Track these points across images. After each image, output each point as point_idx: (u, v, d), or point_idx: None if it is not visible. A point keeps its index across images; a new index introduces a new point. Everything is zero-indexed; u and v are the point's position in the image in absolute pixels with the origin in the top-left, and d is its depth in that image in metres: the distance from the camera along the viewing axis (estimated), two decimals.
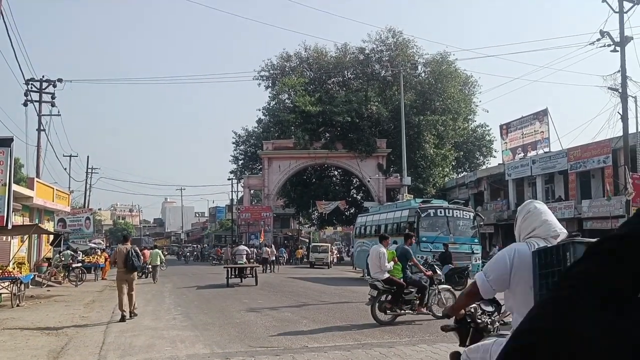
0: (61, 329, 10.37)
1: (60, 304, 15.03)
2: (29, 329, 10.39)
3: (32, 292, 17.99)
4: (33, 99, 29.21)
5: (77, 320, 11.73)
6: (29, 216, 23.36)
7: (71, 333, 9.99)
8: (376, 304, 10.86)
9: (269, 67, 47.86)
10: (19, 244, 20.84)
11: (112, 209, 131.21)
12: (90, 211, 37.58)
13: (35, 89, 29.31)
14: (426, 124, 41.35)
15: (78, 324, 11.09)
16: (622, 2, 19.64)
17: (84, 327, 10.71)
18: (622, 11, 19.65)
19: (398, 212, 24.33)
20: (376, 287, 10.96)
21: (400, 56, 42.86)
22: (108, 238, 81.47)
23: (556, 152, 31.98)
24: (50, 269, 22.76)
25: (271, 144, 44.61)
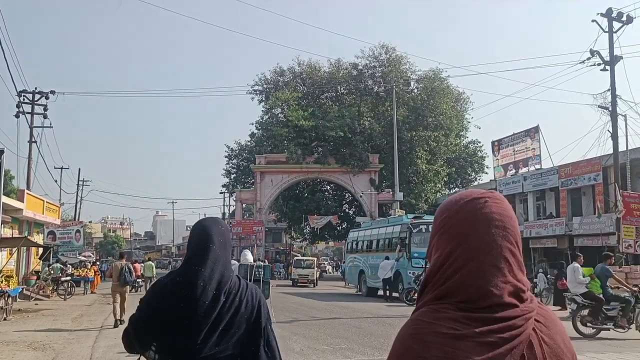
0: (48, 344, 10.24)
1: (48, 318, 14.87)
2: (15, 344, 10.25)
3: (20, 305, 17.78)
4: (25, 111, 29.14)
5: (65, 334, 11.60)
6: (18, 228, 23.19)
7: (58, 348, 9.87)
8: (577, 317, 11.32)
9: (262, 81, 48.05)
10: (7, 257, 20.65)
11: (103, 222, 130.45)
12: (80, 224, 37.37)
13: (28, 100, 29.25)
14: (418, 140, 41.51)
15: (66, 339, 10.96)
16: (612, 22, 19.91)
17: (72, 342, 10.58)
18: (611, 31, 19.91)
19: (390, 227, 24.33)
20: (575, 301, 11.73)
21: (393, 72, 43.11)
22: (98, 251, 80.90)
23: (547, 169, 32.16)
24: (39, 282, 22.54)
25: (264, 158, 44.60)
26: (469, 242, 1.09)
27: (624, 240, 17.45)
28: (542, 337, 1.07)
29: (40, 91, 29.44)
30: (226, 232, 2.24)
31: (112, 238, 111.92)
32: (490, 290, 1.06)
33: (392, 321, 14.09)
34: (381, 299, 22.12)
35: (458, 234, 1.11)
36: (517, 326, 1.04)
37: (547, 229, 30.10)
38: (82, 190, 49.43)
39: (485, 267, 1.07)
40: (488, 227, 1.09)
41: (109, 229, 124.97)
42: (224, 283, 2.08)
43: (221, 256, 2.12)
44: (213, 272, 2.06)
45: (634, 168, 25.60)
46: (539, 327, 1.08)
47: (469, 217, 1.11)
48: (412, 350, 1.04)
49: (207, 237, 2.13)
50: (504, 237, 1.09)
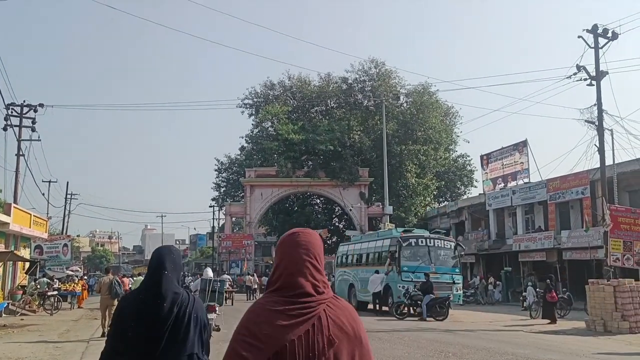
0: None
1: (33, 333, 14.66)
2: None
3: (5, 320, 17.54)
4: (13, 124, 28.91)
5: (51, 350, 11.43)
6: (4, 242, 22.92)
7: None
8: None
9: (252, 95, 48.16)
10: None
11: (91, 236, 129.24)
12: (68, 238, 36.97)
13: (16, 113, 29.04)
14: (408, 154, 41.71)
15: (52, 354, 10.81)
16: (598, 38, 20.19)
17: (58, 358, 10.44)
18: (597, 47, 20.19)
19: (380, 241, 24.33)
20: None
21: (382, 86, 43.39)
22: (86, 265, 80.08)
23: (536, 183, 32.39)
24: (25, 297, 22.26)
25: (254, 171, 44.57)
26: (285, 257, 1.89)
27: (612, 254, 17.54)
28: (329, 314, 1.80)
29: (29, 104, 29.26)
30: (177, 258, 2.85)
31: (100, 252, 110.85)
32: (297, 285, 1.82)
33: (382, 335, 14.05)
34: (371, 313, 22.07)
35: (281, 253, 1.93)
36: (312, 306, 1.79)
37: (536, 243, 30.24)
38: (70, 203, 48.93)
39: (294, 271, 1.84)
40: (296, 249, 1.89)
41: (97, 243, 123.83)
42: (174, 299, 2.65)
43: (172, 279, 2.71)
44: (167, 290, 2.65)
45: (620, 182, 25.83)
46: (328, 309, 1.81)
47: (287, 243, 1.94)
48: (249, 317, 1.82)
49: (161, 265, 2.72)
50: (307, 254, 1.87)
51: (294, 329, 1.75)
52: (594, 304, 16.49)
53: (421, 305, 19.43)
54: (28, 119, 29.44)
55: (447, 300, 19.79)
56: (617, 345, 13.00)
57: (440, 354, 10.76)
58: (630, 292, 15.83)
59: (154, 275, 2.71)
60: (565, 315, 20.80)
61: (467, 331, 15.64)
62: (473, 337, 14.02)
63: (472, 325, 17.63)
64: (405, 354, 10.76)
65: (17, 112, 29.05)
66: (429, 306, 19.28)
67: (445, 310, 19.48)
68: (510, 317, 21.27)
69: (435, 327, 16.78)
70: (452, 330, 15.63)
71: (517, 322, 19.25)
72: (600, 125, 20.16)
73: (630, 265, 17.65)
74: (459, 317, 20.80)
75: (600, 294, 16.21)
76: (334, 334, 1.77)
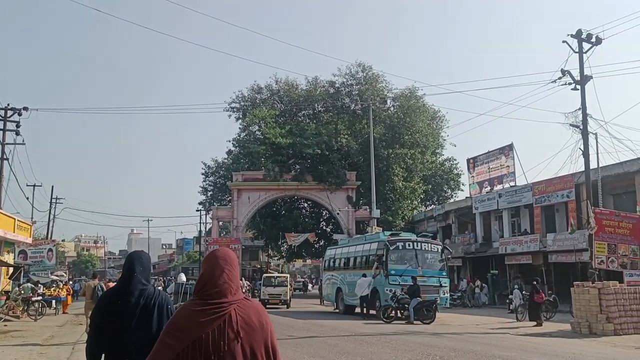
0: None
1: (17, 339, 14.45)
2: None
3: None
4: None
5: (35, 356, 11.29)
6: None
7: None
8: None
9: (239, 98, 48.02)
10: None
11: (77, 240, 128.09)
12: (53, 242, 36.58)
13: (0, 117, 28.73)
14: (395, 157, 41.82)
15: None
16: (582, 43, 20.41)
17: None
18: (581, 51, 20.41)
19: (367, 244, 24.34)
20: None
21: (369, 90, 43.49)
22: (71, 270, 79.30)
23: (522, 186, 32.64)
24: (9, 302, 21.96)
25: (241, 175, 44.41)
26: (207, 269, 2.42)
27: (597, 257, 17.69)
28: (238, 312, 2.33)
29: (13, 107, 28.94)
30: (146, 262, 3.52)
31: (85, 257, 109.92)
32: (215, 289, 2.35)
33: (370, 339, 14.05)
34: (359, 317, 22.06)
35: (204, 265, 2.46)
36: (224, 307, 2.31)
37: (522, 246, 30.46)
38: (55, 208, 48.47)
39: (214, 278, 2.37)
40: (215, 260, 2.44)
41: (82, 248, 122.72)
42: (142, 292, 3.34)
43: (141, 277, 3.40)
44: (135, 287, 3.36)
45: (605, 185, 26.13)
46: (238, 308, 2.34)
47: (208, 257, 2.50)
48: (176, 316, 2.38)
49: (132, 267, 3.42)
50: (224, 264, 2.41)
51: (208, 324, 2.29)
52: (579, 306, 16.63)
53: (408, 308, 19.47)
54: (12, 123, 29.10)
55: (434, 303, 19.84)
56: (602, 347, 13.12)
57: (427, 357, 10.78)
58: (615, 295, 15.99)
59: (126, 275, 3.41)
60: (551, 317, 20.95)
61: (454, 334, 15.69)
62: (460, 340, 14.07)
63: (459, 328, 17.69)
64: (392, 357, 10.76)
65: (0, 116, 28.73)
66: (416, 309, 19.32)
67: (433, 313, 19.54)
68: (496, 319, 21.38)
69: (422, 330, 16.81)
70: (439, 334, 15.67)
71: (503, 324, 19.35)
72: (584, 129, 20.37)
73: (614, 267, 17.81)
74: (446, 320, 20.87)
75: (585, 297, 16.34)
76: (242, 328, 2.33)
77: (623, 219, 18.38)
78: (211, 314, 2.31)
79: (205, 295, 2.36)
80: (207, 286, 2.38)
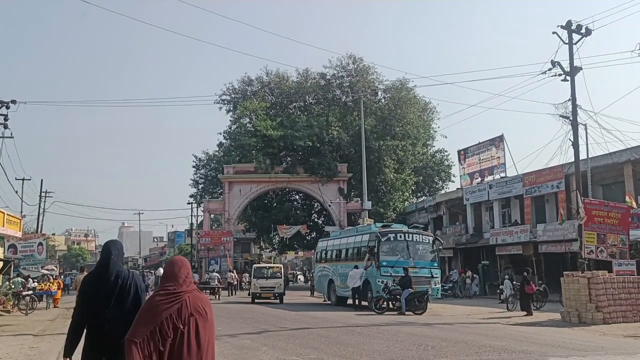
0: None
1: (8, 334, 14.39)
2: None
3: None
4: None
5: (26, 351, 11.25)
6: None
7: None
8: None
9: (230, 90, 47.84)
10: None
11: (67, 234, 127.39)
12: (43, 236, 36.40)
13: None
14: (386, 149, 41.87)
15: (27, 355, 10.63)
16: (572, 34, 20.46)
17: (34, 359, 10.28)
18: (571, 43, 20.47)
19: (359, 236, 24.40)
20: None
21: (360, 82, 43.46)
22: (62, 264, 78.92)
23: (512, 177, 32.79)
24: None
25: (232, 167, 44.31)
26: (167, 268, 3.52)
27: (586, 246, 17.84)
28: (190, 300, 3.37)
29: (1, 101, 28.63)
30: (120, 248, 4.31)
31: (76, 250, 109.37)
32: (173, 283, 3.40)
33: (362, 330, 14.11)
34: (350, 308, 22.14)
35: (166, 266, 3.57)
36: (181, 295, 3.36)
37: (513, 236, 30.65)
38: (44, 201, 48.23)
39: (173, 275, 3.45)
40: (174, 263, 3.53)
41: (73, 242, 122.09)
42: (118, 274, 4.06)
43: (117, 261, 4.13)
44: (112, 269, 4.07)
45: (594, 175, 26.32)
46: (191, 296, 3.39)
47: (169, 261, 3.55)
48: (147, 303, 3.43)
49: (109, 251, 4.17)
50: (181, 265, 3.50)
51: (170, 308, 3.33)
52: (569, 296, 16.78)
53: (400, 299, 19.57)
54: (0, 116, 28.83)
55: (426, 294, 19.95)
56: (591, 336, 13.26)
57: (419, 348, 10.85)
58: (604, 284, 16.14)
59: (103, 259, 4.15)
60: (541, 307, 21.13)
61: (446, 324, 15.80)
62: (451, 330, 14.17)
63: (450, 319, 17.81)
64: (384, 348, 10.82)
65: None
66: (408, 300, 19.43)
67: (424, 304, 19.65)
68: (487, 309, 21.54)
69: (414, 321, 16.91)
70: (431, 324, 15.77)
71: (494, 314, 19.50)
72: (574, 120, 20.47)
73: (603, 257, 17.98)
74: (438, 310, 21.00)
75: (575, 286, 16.49)
76: (194, 310, 3.39)
77: (612, 209, 18.54)
78: (172, 300, 3.36)
79: (167, 287, 3.42)
80: (168, 280, 3.45)
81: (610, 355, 10.05)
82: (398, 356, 9.87)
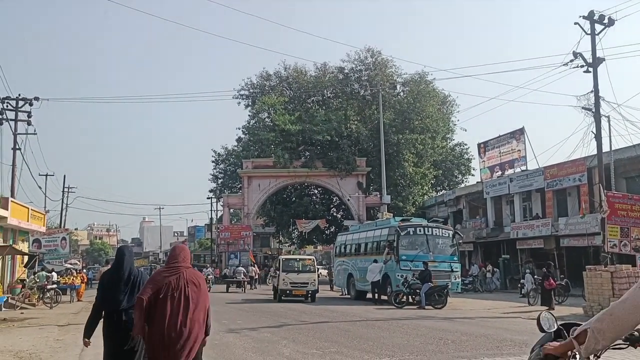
0: (35, 353, 10.12)
1: (34, 326, 14.69)
2: (1, 353, 10.12)
3: (5, 314, 17.56)
4: (8, 118, 28.80)
5: (52, 343, 11.47)
6: (2, 236, 22.90)
7: (45, 357, 9.76)
8: None
9: (248, 86, 48.02)
10: None
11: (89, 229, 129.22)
12: (66, 231, 37.03)
13: (11, 107, 28.92)
14: (405, 143, 41.67)
15: (52, 347, 10.84)
16: (594, 24, 20.10)
17: (58, 351, 10.48)
18: (594, 33, 20.12)
19: (378, 230, 24.37)
20: None
21: (379, 76, 43.29)
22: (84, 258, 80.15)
23: (533, 171, 32.41)
24: (24, 290, 22.27)
25: (251, 162, 44.52)
26: (171, 251, 4.84)
27: (609, 240, 17.61)
28: (186, 273, 4.54)
29: (24, 97, 29.11)
30: (131, 251, 5.59)
31: (98, 245, 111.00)
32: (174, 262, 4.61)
33: (381, 324, 14.12)
34: (370, 302, 22.14)
35: (170, 251, 4.88)
36: (179, 269, 4.53)
37: (534, 230, 30.32)
38: (67, 197, 48.93)
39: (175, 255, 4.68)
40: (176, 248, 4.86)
41: (95, 236, 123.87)
42: (130, 271, 5.21)
43: (129, 261, 5.27)
44: (126, 267, 5.20)
45: (617, 168, 25.89)
46: (186, 271, 4.55)
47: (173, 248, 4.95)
48: (154, 274, 4.82)
49: (122, 253, 5.33)
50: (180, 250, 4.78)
51: (170, 277, 4.45)
52: (591, 290, 16.59)
53: (420, 293, 19.52)
54: (24, 113, 29.31)
55: (446, 288, 19.88)
56: None
57: (439, 342, 10.83)
58: (627, 278, 15.92)
59: (118, 259, 5.30)
60: (563, 301, 20.91)
61: (466, 319, 15.73)
62: (471, 325, 14.11)
63: (470, 313, 17.72)
64: (404, 342, 10.82)
65: (12, 106, 28.92)
66: (428, 294, 19.37)
67: (444, 298, 19.58)
68: (508, 304, 21.38)
69: (433, 315, 16.86)
70: (451, 318, 15.72)
71: (515, 309, 19.34)
72: (597, 112, 20.14)
73: (627, 251, 17.73)
74: (458, 305, 20.90)
75: (597, 280, 16.30)
76: (188, 279, 4.46)
77: (636, 202, 18.26)
78: (172, 272, 4.50)
79: (170, 264, 4.61)
80: (171, 260, 4.65)
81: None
82: (418, 350, 9.86)
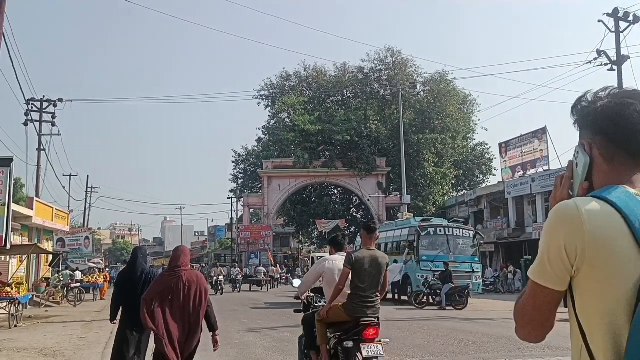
0: (59, 350, 10.29)
1: (58, 324, 14.93)
2: (26, 350, 10.31)
3: (30, 312, 17.87)
4: (33, 119, 29.33)
5: (75, 341, 11.64)
6: (27, 236, 23.30)
7: (69, 354, 9.91)
8: None
9: (268, 86, 48.15)
10: (17, 264, 20.76)
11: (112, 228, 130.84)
12: (89, 230, 37.57)
13: (36, 108, 29.44)
14: (425, 143, 41.44)
15: (76, 345, 11.00)
16: (619, 21, 19.77)
17: (82, 348, 10.63)
18: (618, 31, 19.78)
19: (398, 230, 24.28)
20: None
21: (399, 75, 43.09)
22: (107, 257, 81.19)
23: (555, 170, 31.97)
24: (49, 289, 22.64)
25: (271, 162, 44.66)
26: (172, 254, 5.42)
27: None
28: (186, 274, 5.12)
29: (48, 99, 29.63)
30: (145, 251, 6.68)
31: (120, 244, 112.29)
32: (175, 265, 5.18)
33: (402, 324, 14.06)
34: (390, 303, 22.06)
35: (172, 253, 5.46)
36: (180, 271, 5.11)
37: None
38: (90, 197, 49.60)
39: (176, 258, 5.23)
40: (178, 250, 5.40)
41: (117, 236, 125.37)
42: (142, 270, 5.98)
43: (142, 261, 6.12)
44: (139, 266, 6.02)
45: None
46: (186, 272, 5.15)
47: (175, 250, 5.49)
48: (158, 276, 5.50)
49: (136, 254, 6.20)
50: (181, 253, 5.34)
51: (172, 279, 5.03)
52: None
53: (440, 294, 19.38)
54: (48, 114, 29.85)
55: (467, 289, 19.70)
56: None
57: (460, 343, 10.75)
58: None
59: (132, 260, 6.10)
60: None
61: (487, 320, 15.58)
62: (493, 326, 13.97)
63: (492, 314, 17.54)
64: (425, 343, 10.76)
65: (37, 107, 29.45)
66: (448, 295, 19.23)
67: (465, 299, 19.40)
68: None
69: (454, 316, 16.74)
70: (472, 319, 15.58)
71: None
72: None
73: None
74: (479, 305, 20.71)
75: None
76: (187, 281, 5.04)
77: None
78: (173, 275, 5.05)
79: (172, 267, 5.16)
80: (172, 262, 5.19)
81: None
82: (439, 351, 9.80)
